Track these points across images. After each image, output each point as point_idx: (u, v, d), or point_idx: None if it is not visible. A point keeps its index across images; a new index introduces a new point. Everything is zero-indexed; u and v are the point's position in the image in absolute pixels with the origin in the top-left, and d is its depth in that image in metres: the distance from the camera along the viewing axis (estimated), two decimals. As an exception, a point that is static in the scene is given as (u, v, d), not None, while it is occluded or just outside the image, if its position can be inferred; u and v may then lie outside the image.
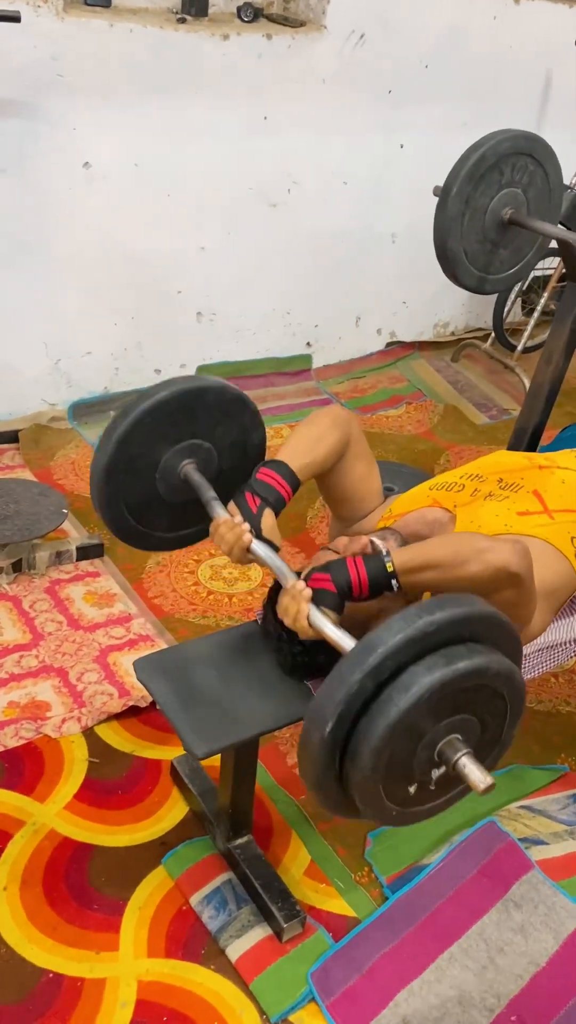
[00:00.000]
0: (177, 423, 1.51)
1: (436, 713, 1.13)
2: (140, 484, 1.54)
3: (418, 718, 1.11)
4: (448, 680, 1.10)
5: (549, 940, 1.64)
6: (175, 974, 1.54)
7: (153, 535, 1.63)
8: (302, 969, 1.56)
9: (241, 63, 2.86)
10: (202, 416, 1.54)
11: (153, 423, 1.49)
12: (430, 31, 3.19)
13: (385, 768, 1.12)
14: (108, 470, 1.47)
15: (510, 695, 1.20)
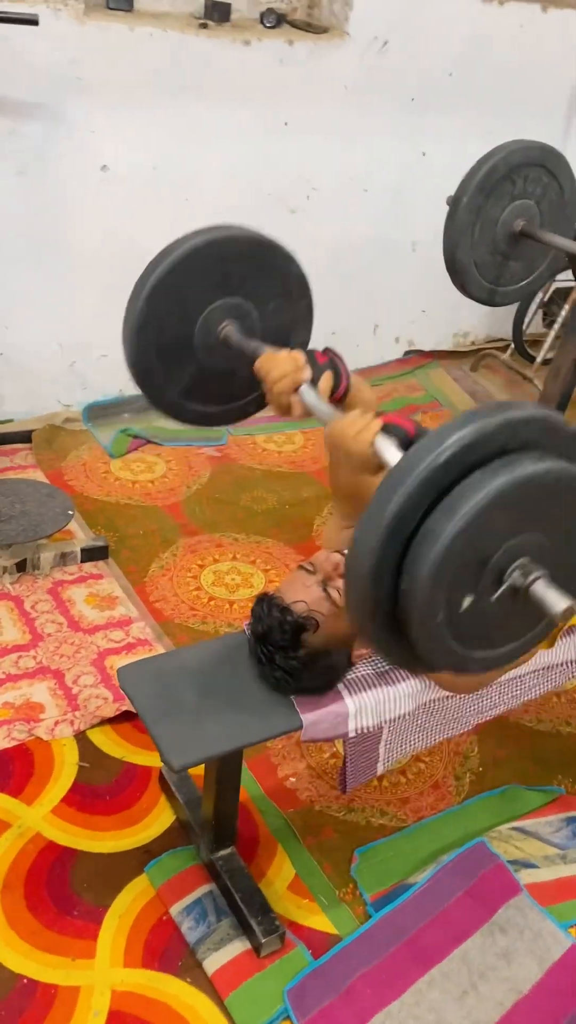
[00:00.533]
0: (215, 277, 1.45)
1: (508, 523, 0.97)
2: (176, 343, 1.48)
3: (489, 525, 0.95)
4: (526, 480, 0.94)
5: (533, 967, 1.61)
6: (150, 985, 1.53)
7: (188, 406, 1.58)
8: (279, 986, 1.54)
9: (262, 69, 2.85)
10: (244, 273, 1.47)
11: (190, 273, 1.43)
12: (455, 39, 3.16)
13: (448, 587, 0.96)
14: (141, 322, 1.43)
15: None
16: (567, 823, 1.89)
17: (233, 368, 1.54)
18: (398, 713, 1.54)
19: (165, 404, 1.60)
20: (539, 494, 0.97)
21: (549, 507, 0.99)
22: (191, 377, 1.54)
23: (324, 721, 1.47)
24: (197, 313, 1.48)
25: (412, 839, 1.83)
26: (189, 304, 1.47)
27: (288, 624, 1.42)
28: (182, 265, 1.45)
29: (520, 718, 2.15)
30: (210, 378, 1.56)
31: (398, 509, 0.94)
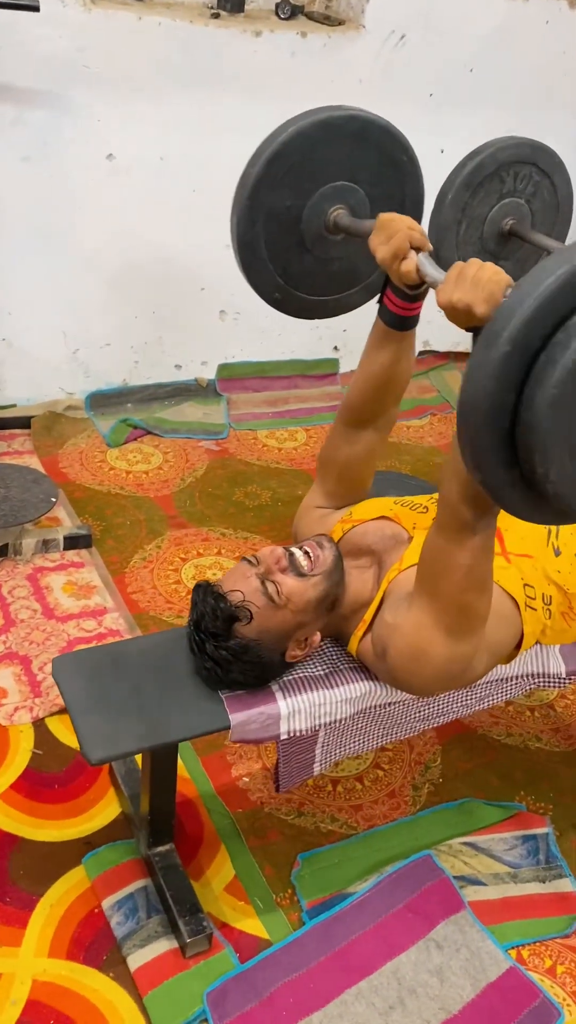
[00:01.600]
0: (338, 157, 1.47)
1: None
2: (286, 219, 1.49)
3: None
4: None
5: (466, 987, 1.57)
6: (72, 977, 1.52)
7: (289, 291, 1.59)
8: (200, 988, 1.52)
9: (273, 61, 2.82)
10: (367, 161, 1.49)
11: (314, 146, 1.45)
12: (476, 34, 3.10)
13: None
14: (272, 159, 1.44)
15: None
16: (522, 841, 1.84)
17: (340, 255, 1.55)
18: (335, 717, 1.50)
19: (269, 288, 1.59)
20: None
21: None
22: (296, 260, 1.54)
23: (254, 722, 1.44)
24: (308, 195, 1.49)
25: (359, 847, 1.79)
26: (305, 179, 1.48)
27: (220, 611, 1.40)
28: (308, 135, 1.46)
29: (489, 730, 2.10)
30: (314, 264, 1.56)
31: (524, 322, 0.94)
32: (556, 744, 2.09)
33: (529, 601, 1.47)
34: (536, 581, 1.50)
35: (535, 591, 1.49)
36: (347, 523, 1.61)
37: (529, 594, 1.48)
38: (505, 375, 0.97)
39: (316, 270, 1.61)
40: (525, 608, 1.47)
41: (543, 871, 1.78)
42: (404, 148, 1.58)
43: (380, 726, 1.64)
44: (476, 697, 1.69)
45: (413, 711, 1.64)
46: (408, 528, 1.57)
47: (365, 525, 1.60)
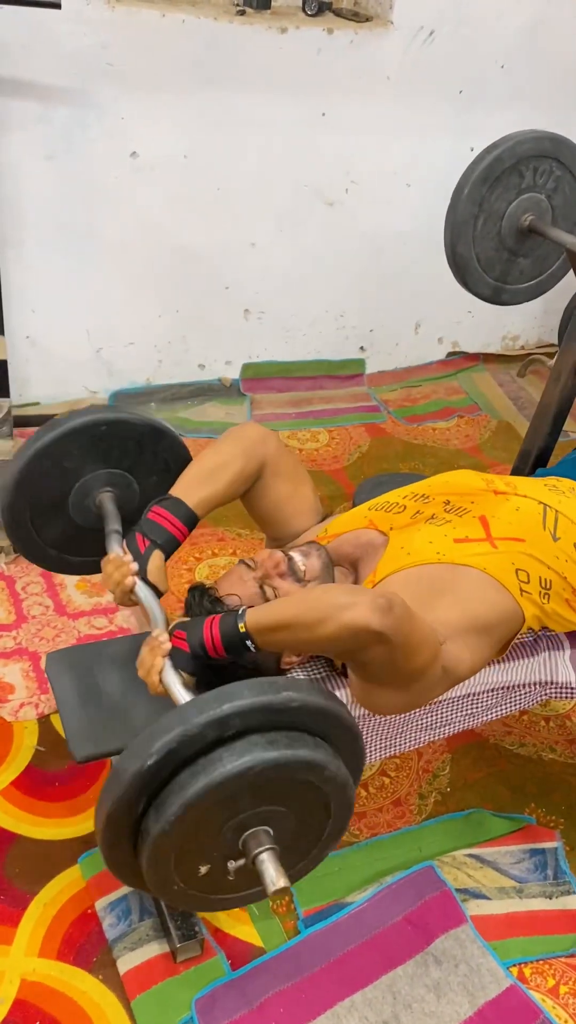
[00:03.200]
0: (99, 450, 1.47)
1: (258, 793, 1.05)
2: (54, 503, 1.50)
3: (240, 790, 1.03)
4: (286, 762, 1.01)
5: (464, 1004, 1.52)
6: (61, 978, 1.51)
7: (58, 555, 1.59)
8: (189, 993, 1.49)
9: (299, 57, 2.80)
10: (128, 450, 1.50)
11: (75, 443, 1.45)
12: (507, 29, 3.04)
13: (188, 828, 1.03)
14: (19, 481, 1.44)
15: (337, 809, 1.12)
16: (530, 855, 1.78)
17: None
18: (330, 723, 1.46)
19: (41, 557, 1.59)
20: (293, 777, 1.05)
21: (287, 788, 1.06)
22: (66, 534, 1.55)
23: (246, 724, 1.41)
24: (75, 479, 1.49)
25: (360, 855, 1.75)
26: (69, 470, 1.48)
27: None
28: (67, 438, 1.45)
29: (501, 740, 2.04)
30: (85, 533, 1.55)
31: (111, 814, 1.04)
32: (571, 756, 2.02)
33: (523, 586, 1.42)
34: (530, 566, 1.44)
35: (529, 576, 1.43)
36: (323, 539, 1.57)
37: (522, 578, 1.42)
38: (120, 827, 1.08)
39: (87, 537, 1.56)
40: (520, 594, 1.41)
41: (550, 887, 1.73)
42: (163, 434, 1.55)
43: (381, 736, 1.59)
44: (482, 707, 1.64)
45: (415, 720, 1.59)
46: (384, 529, 1.54)
47: (341, 538, 1.56)
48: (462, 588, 1.40)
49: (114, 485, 1.52)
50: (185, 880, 1.10)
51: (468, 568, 1.41)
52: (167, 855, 1.04)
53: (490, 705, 1.64)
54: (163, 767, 1.01)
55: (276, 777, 1.03)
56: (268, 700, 1.00)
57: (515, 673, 1.59)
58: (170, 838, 1.02)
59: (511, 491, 1.55)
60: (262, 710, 1.01)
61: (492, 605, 1.40)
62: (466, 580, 1.40)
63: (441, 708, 1.60)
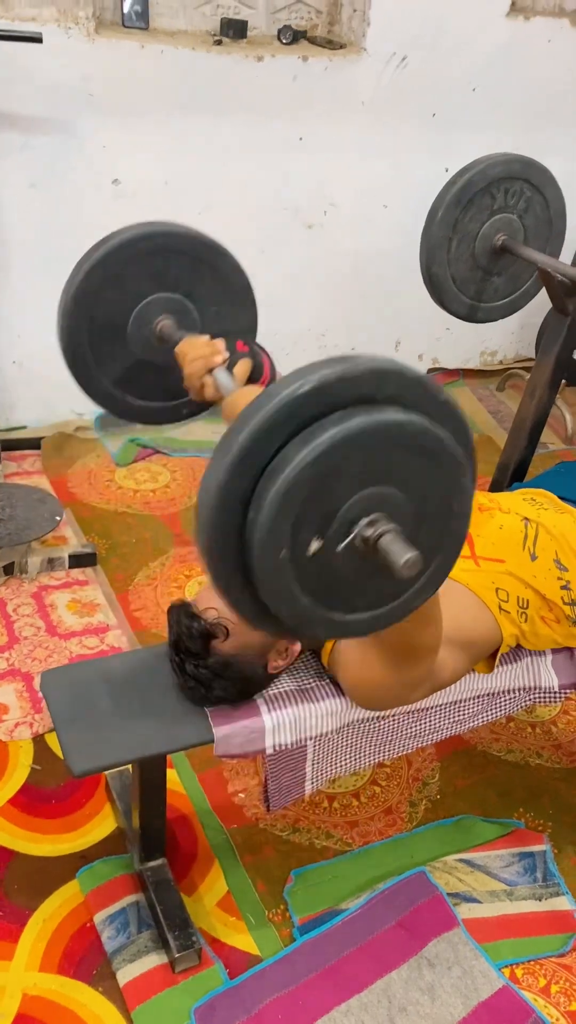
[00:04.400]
0: (156, 271, 1.47)
1: (364, 469, 0.92)
2: (112, 329, 1.50)
3: (345, 464, 0.89)
4: (387, 427, 0.89)
5: (457, 1006, 1.55)
6: (62, 991, 1.53)
7: (122, 398, 1.58)
8: (188, 1003, 1.52)
9: (275, 85, 2.87)
10: (187, 272, 1.49)
11: (130, 262, 1.45)
12: (478, 53, 3.12)
13: (294, 522, 0.90)
14: (76, 299, 1.45)
15: (458, 503, 0.98)
16: (519, 858, 1.82)
17: (171, 364, 1.54)
18: (320, 731, 1.51)
19: (99, 393, 1.59)
20: (398, 447, 0.92)
21: (407, 463, 0.93)
22: (125, 368, 1.55)
23: (238, 735, 1.45)
24: (134, 303, 1.49)
25: (353, 863, 1.78)
26: (127, 293, 1.48)
27: (196, 630, 1.41)
28: (122, 252, 1.47)
29: (489, 747, 2.08)
30: (145, 372, 1.56)
31: (254, 433, 0.89)
32: (557, 761, 2.07)
33: (502, 604, 1.47)
34: (509, 585, 1.49)
35: (508, 595, 1.48)
36: None
37: (502, 597, 1.47)
38: (232, 489, 0.91)
39: (148, 377, 1.58)
40: (499, 612, 1.46)
41: (540, 889, 1.76)
42: (221, 254, 1.57)
43: (370, 742, 1.63)
44: (469, 713, 1.69)
45: (403, 727, 1.63)
46: None
47: None
48: (450, 599, 1.44)
49: (173, 312, 1.52)
50: (294, 553, 0.93)
51: (454, 582, 1.46)
52: (297, 498, 0.89)
53: (476, 711, 1.68)
54: (319, 398, 0.88)
55: (375, 449, 0.91)
56: (381, 366, 0.89)
57: (500, 679, 1.63)
58: (310, 472, 0.88)
59: (495, 507, 1.61)
60: (378, 375, 0.89)
61: (474, 619, 1.45)
62: (453, 592, 1.44)
63: (429, 715, 1.64)
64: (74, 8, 2.55)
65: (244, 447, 0.88)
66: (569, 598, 1.55)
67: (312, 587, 0.95)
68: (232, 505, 0.90)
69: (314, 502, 0.91)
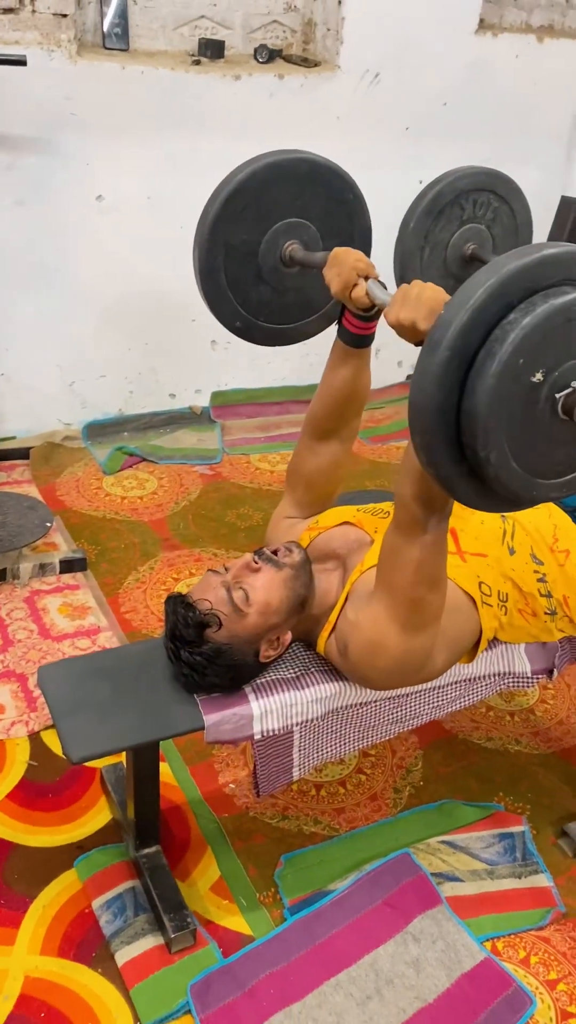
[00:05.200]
0: (288, 196, 1.62)
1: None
2: (243, 252, 1.63)
3: (563, 330, 1.06)
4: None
5: (441, 977, 1.62)
6: (62, 973, 1.59)
7: (250, 320, 1.73)
8: (184, 980, 1.58)
9: (252, 102, 2.96)
10: (315, 198, 1.64)
11: (266, 186, 1.60)
12: (448, 69, 3.23)
13: (526, 360, 1.05)
14: (212, 227, 1.59)
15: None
16: (499, 839, 1.90)
17: (297, 286, 1.70)
18: (306, 718, 1.58)
19: (227, 314, 1.73)
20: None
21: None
22: (254, 291, 1.69)
23: (228, 722, 1.52)
24: (267, 226, 1.64)
25: (340, 848, 1.85)
26: (261, 216, 1.63)
27: (191, 619, 1.49)
28: (260, 176, 1.62)
29: (469, 735, 2.16)
30: (272, 295, 1.70)
31: (487, 296, 1.04)
32: (535, 747, 2.15)
33: (484, 598, 1.55)
34: (491, 579, 1.58)
35: (490, 588, 1.57)
36: (314, 530, 1.70)
37: (484, 591, 1.55)
38: (447, 377, 1.07)
39: (274, 300, 1.75)
40: (481, 605, 1.54)
41: (519, 867, 1.84)
42: (350, 186, 1.73)
43: (354, 728, 1.71)
44: (448, 699, 1.76)
45: (385, 713, 1.71)
46: (370, 532, 1.66)
47: (330, 531, 1.69)
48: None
49: (299, 238, 1.66)
50: (511, 424, 1.10)
51: None
52: (517, 359, 1.06)
53: (455, 697, 1.76)
54: (549, 266, 1.06)
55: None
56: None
57: (476, 666, 1.71)
58: (535, 334, 1.05)
59: (475, 502, 1.69)
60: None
61: (460, 611, 1.53)
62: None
63: (409, 701, 1.72)
64: (56, 31, 2.64)
65: (453, 343, 1.05)
66: (545, 590, 1.63)
67: (524, 456, 1.12)
68: (470, 342, 1.06)
69: (550, 345, 1.06)
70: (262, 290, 1.72)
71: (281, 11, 3.14)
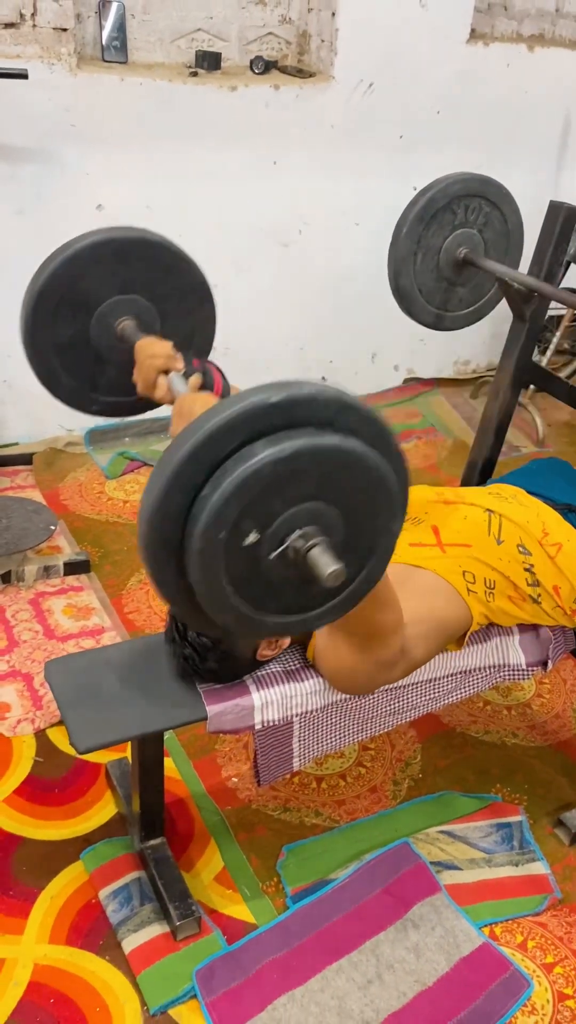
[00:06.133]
0: (113, 274, 1.53)
1: (297, 487, 1.00)
2: (73, 330, 1.56)
3: (280, 481, 0.98)
4: (321, 449, 0.98)
5: (441, 962, 1.66)
6: (71, 961, 1.63)
7: (95, 397, 1.66)
8: (190, 967, 1.62)
9: (248, 112, 3.02)
10: (144, 274, 1.56)
11: (91, 263, 1.52)
12: (441, 78, 3.29)
13: (227, 541, 0.99)
14: (38, 301, 1.52)
15: (383, 497, 1.07)
16: (497, 829, 1.94)
17: (132, 362, 1.60)
18: (305, 709, 1.62)
19: (73, 400, 1.69)
20: (342, 469, 1.01)
21: (345, 484, 1.02)
22: (93, 370, 1.63)
23: (229, 712, 1.56)
24: (94, 307, 1.57)
25: (341, 838, 1.90)
26: (78, 306, 1.55)
27: None
28: (61, 273, 1.54)
29: (467, 729, 2.20)
30: (111, 371, 1.63)
31: (215, 428, 0.96)
32: (532, 740, 2.19)
33: (469, 586, 1.59)
34: (475, 568, 1.62)
35: (474, 576, 1.61)
36: None
37: (468, 579, 1.60)
38: (167, 521, 1.00)
39: (125, 375, 1.62)
40: (467, 593, 1.59)
41: (516, 856, 1.88)
42: (165, 248, 1.63)
43: (353, 720, 1.75)
44: (443, 691, 1.80)
45: (383, 705, 1.75)
46: None
47: None
48: (417, 584, 1.57)
49: (133, 313, 1.59)
50: (252, 602, 1.05)
51: (422, 569, 1.58)
52: (215, 558, 1.00)
53: (450, 689, 1.80)
54: (261, 417, 0.97)
55: (314, 467, 0.99)
56: (297, 394, 0.98)
57: (471, 658, 1.76)
58: (212, 546, 0.98)
59: (459, 500, 1.74)
60: (272, 409, 0.98)
61: (446, 601, 1.57)
62: (420, 578, 1.57)
63: (406, 693, 1.76)
64: (56, 45, 2.70)
65: (202, 440, 0.97)
66: (532, 579, 1.68)
67: (236, 576, 1.03)
68: (183, 488, 0.98)
69: (262, 501, 0.99)
70: (108, 369, 1.64)
71: (276, 23, 3.20)
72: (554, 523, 1.74)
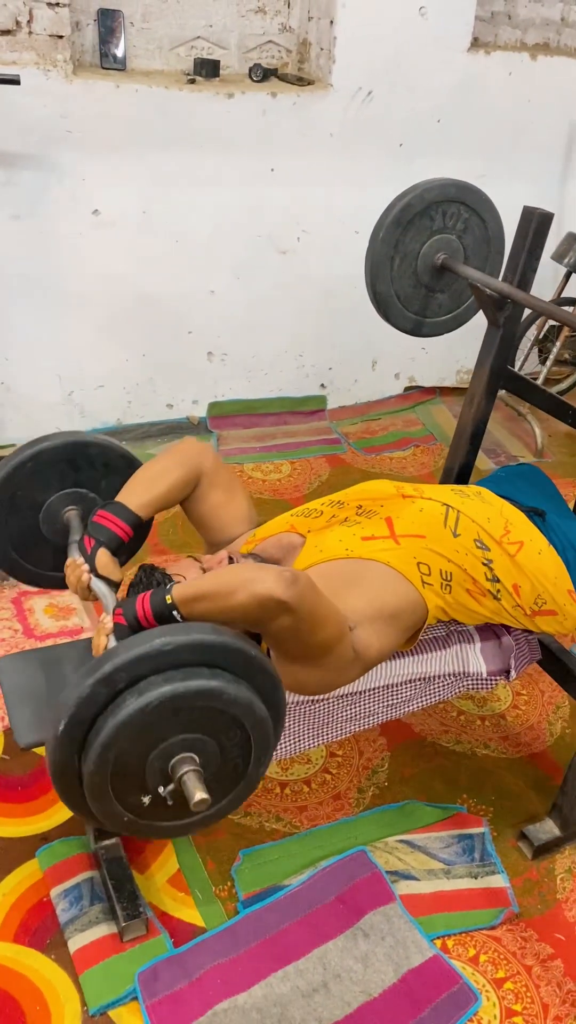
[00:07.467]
0: (63, 471, 1.66)
1: (170, 725, 1.20)
2: (25, 522, 1.68)
3: (150, 724, 1.18)
4: (179, 694, 1.17)
5: (388, 972, 1.64)
6: (16, 958, 1.63)
7: (40, 573, 1.76)
8: (133, 968, 1.62)
9: (245, 119, 3.03)
10: (88, 468, 1.68)
11: (39, 467, 1.63)
12: (441, 87, 3.28)
13: (113, 767, 1.19)
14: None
15: (252, 729, 1.26)
16: (458, 840, 1.91)
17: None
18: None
19: (43, 581, 1.78)
20: (213, 707, 1.21)
21: (219, 720, 1.23)
22: (53, 555, 1.74)
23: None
24: (41, 503, 1.68)
25: (299, 844, 1.88)
26: (36, 496, 1.67)
27: (157, 578, 1.54)
28: (18, 470, 1.64)
29: (439, 738, 2.18)
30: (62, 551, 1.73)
31: (74, 710, 1.19)
32: (504, 751, 2.16)
33: (424, 577, 1.57)
34: (430, 560, 1.59)
35: (429, 568, 1.58)
36: (251, 543, 1.73)
37: (423, 571, 1.57)
38: (66, 749, 1.23)
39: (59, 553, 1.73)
40: (422, 586, 1.56)
41: (476, 868, 1.85)
42: (103, 447, 1.72)
43: (308, 726, 1.73)
44: (402, 698, 1.79)
45: (338, 711, 1.74)
46: (303, 533, 1.69)
47: (266, 541, 1.72)
48: (368, 579, 1.55)
49: (80, 504, 1.70)
50: (133, 812, 1.26)
51: (374, 562, 1.57)
52: (104, 789, 1.21)
53: (409, 696, 1.79)
54: (77, 725, 1.19)
55: (181, 708, 1.18)
56: (142, 652, 1.17)
57: (429, 665, 1.74)
58: (99, 775, 1.18)
59: (418, 495, 1.72)
60: (139, 660, 1.18)
61: (396, 594, 1.55)
62: (372, 572, 1.55)
63: (363, 699, 1.74)
64: (52, 52, 2.73)
65: (54, 767, 1.23)
66: (491, 575, 1.65)
67: (132, 807, 1.27)
68: (69, 751, 1.22)
69: (123, 778, 1.22)
70: (58, 557, 1.73)
71: (277, 32, 3.21)
72: (517, 521, 1.72)
